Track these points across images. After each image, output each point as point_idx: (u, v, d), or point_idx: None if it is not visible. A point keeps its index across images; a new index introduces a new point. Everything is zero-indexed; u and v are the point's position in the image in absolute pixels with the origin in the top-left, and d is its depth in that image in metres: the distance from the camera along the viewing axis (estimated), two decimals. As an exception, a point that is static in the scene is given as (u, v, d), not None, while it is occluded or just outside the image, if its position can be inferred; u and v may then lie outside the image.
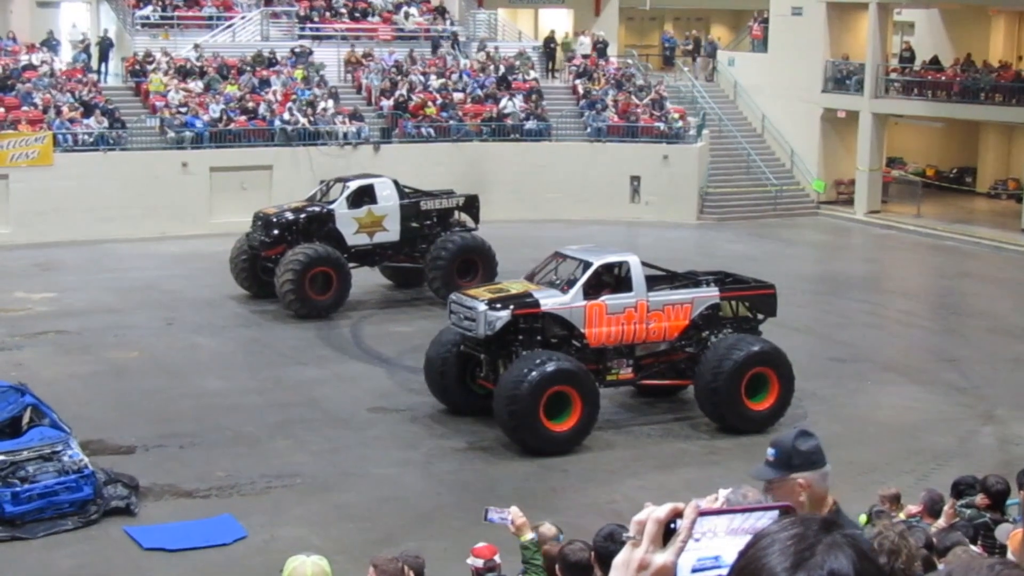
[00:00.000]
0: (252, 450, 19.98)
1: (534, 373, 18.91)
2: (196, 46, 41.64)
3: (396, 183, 30.12)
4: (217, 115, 38.88)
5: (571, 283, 20.32)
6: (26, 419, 17.64)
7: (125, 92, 40.27)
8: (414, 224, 29.48)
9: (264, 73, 41.52)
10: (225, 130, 38.67)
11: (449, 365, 20.81)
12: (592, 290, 20.30)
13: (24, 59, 40.10)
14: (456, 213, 30.69)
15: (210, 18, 43.49)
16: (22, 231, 35.31)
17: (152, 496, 17.73)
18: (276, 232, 28.36)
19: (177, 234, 35.78)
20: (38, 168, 35.76)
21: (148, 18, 42.36)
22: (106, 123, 37.70)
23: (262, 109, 39.61)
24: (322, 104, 40.32)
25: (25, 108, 37.64)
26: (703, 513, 2.61)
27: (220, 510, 17.46)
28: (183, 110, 38.83)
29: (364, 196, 29.26)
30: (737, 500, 3.70)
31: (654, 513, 2.64)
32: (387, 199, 29.28)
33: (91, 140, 37.34)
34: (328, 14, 44.88)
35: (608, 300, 20.22)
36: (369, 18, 45.28)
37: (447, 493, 18.55)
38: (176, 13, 43.11)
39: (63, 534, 16.39)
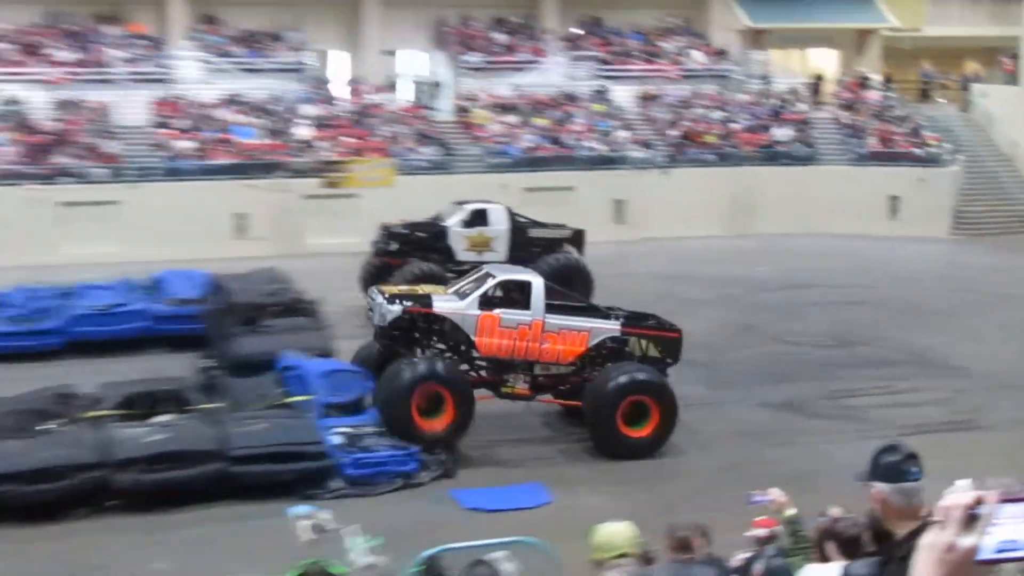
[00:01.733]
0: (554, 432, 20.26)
1: (407, 373, 18.18)
2: (514, 86, 43.63)
3: (510, 211, 29.87)
4: (530, 144, 41.02)
5: (472, 292, 19.34)
6: (368, 400, 18.69)
7: (454, 125, 42.57)
8: (520, 248, 28.76)
9: (569, 108, 43.31)
10: (536, 156, 40.68)
11: (371, 360, 19.83)
12: (490, 302, 19.16)
13: (372, 99, 42.88)
14: (563, 244, 29.64)
15: (524, 62, 45.24)
16: (369, 241, 37.83)
17: (473, 464, 18.34)
18: (397, 243, 28.53)
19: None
20: (383, 189, 38.27)
21: (473, 63, 44.65)
22: (438, 151, 40.29)
23: (567, 138, 41.53)
24: (617, 134, 41.93)
25: (372, 139, 40.41)
26: (1004, 500, 2.59)
27: (532, 478, 17.81)
28: (501, 140, 41.08)
29: (478, 218, 29.24)
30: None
31: (960, 499, 2.61)
32: (498, 223, 29.25)
33: (426, 165, 39.88)
34: (624, 57, 46.36)
35: (503, 314, 19.00)
36: (659, 60, 46.54)
37: (719, 472, 18.32)
38: (495, 58, 45.20)
39: (397, 492, 17.10)
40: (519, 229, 29.31)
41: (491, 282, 19.33)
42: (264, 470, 16.49)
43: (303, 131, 39.74)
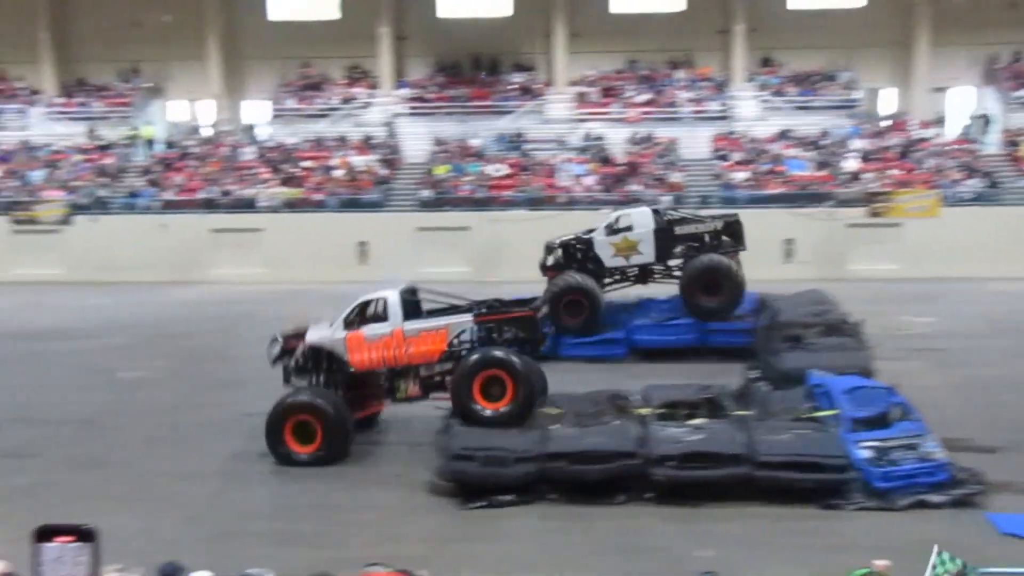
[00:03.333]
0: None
1: (277, 404, 18.08)
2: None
3: (657, 211, 27.50)
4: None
5: (338, 319, 18.92)
6: (894, 415, 17.46)
7: (1001, 158, 39.65)
8: (668, 247, 26.49)
9: None
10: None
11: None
12: (353, 323, 18.72)
13: (919, 133, 40.88)
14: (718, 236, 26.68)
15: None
16: (912, 268, 36.10)
17: (1010, 491, 16.62)
18: (553, 258, 26.97)
19: None
20: (927, 219, 36.43)
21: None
22: (984, 183, 37.56)
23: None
24: None
25: (919, 172, 38.45)
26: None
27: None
28: (1050, 172, 37.58)
29: (622, 223, 26.83)
30: None
31: None
32: (641, 225, 26.56)
33: (971, 197, 37.36)
34: None
35: (365, 330, 18.66)
36: None
37: None
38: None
39: (921, 509, 15.81)
40: (664, 229, 26.64)
41: (352, 305, 18.95)
42: (787, 477, 15.95)
43: (851, 163, 38.55)
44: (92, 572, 2.13)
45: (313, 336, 18.91)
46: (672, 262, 26.54)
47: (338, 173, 39.70)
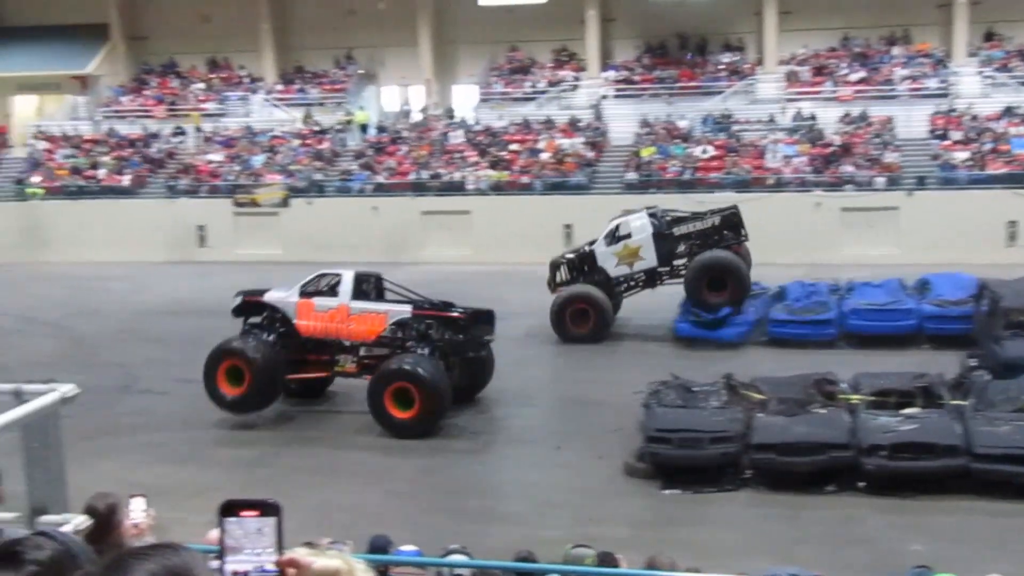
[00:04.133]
0: None
1: (215, 348, 19.73)
2: None
3: (653, 214, 26.74)
4: None
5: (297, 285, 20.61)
6: None
7: None
8: (669, 249, 26.28)
9: None
10: None
11: None
12: (309, 292, 20.39)
13: None
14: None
15: None
16: None
17: None
18: (561, 274, 26.72)
19: None
20: None
21: None
22: None
23: None
24: None
25: None
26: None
27: None
28: None
29: (619, 232, 26.42)
30: None
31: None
32: (639, 231, 26.28)
33: None
34: None
35: (316, 300, 20.29)
36: None
37: None
38: None
39: None
40: (662, 231, 26.40)
41: (312, 276, 20.69)
42: (1006, 470, 15.23)
43: (1082, 140, 36.40)
44: (276, 545, 2.13)
45: (271, 296, 20.66)
46: (678, 262, 26.46)
47: (544, 156, 39.95)
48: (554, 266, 27.07)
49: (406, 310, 20.14)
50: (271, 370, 19.46)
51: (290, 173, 41.64)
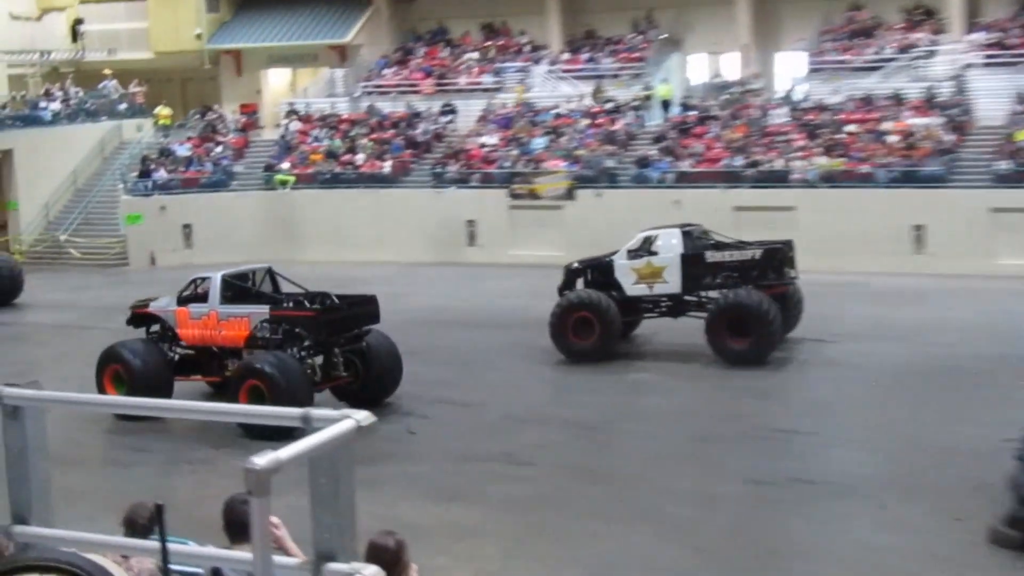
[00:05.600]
0: None
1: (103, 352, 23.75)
2: None
3: (689, 234, 27.44)
4: None
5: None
6: None
7: None
8: (697, 277, 26.94)
9: None
10: None
11: None
12: (185, 299, 23.94)
13: None
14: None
15: None
16: None
17: None
18: (573, 283, 27.81)
19: None
20: None
21: None
22: None
23: None
24: None
25: None
26: None
27: None
28: None
29: (646, 246, 27.21)
30: None
31: None
32: (668, 250, 26.99)
33: None
34: None
35: (191, 307, 23.73)
36: None
37: None
38: None
39: None
40: (694, 256, 26.96)
41: (187, 282, 24.25)
42: None
43: None
44: None
45: (156, 306, 24.26)
46: (709, 294, 27.01)
47: (891, 140, 39.01)
48: (567, 272, 28.34)
49: (263, 311, 23.16)
50: (149, 373, 23.07)
51: (576, 159, 42.25)
